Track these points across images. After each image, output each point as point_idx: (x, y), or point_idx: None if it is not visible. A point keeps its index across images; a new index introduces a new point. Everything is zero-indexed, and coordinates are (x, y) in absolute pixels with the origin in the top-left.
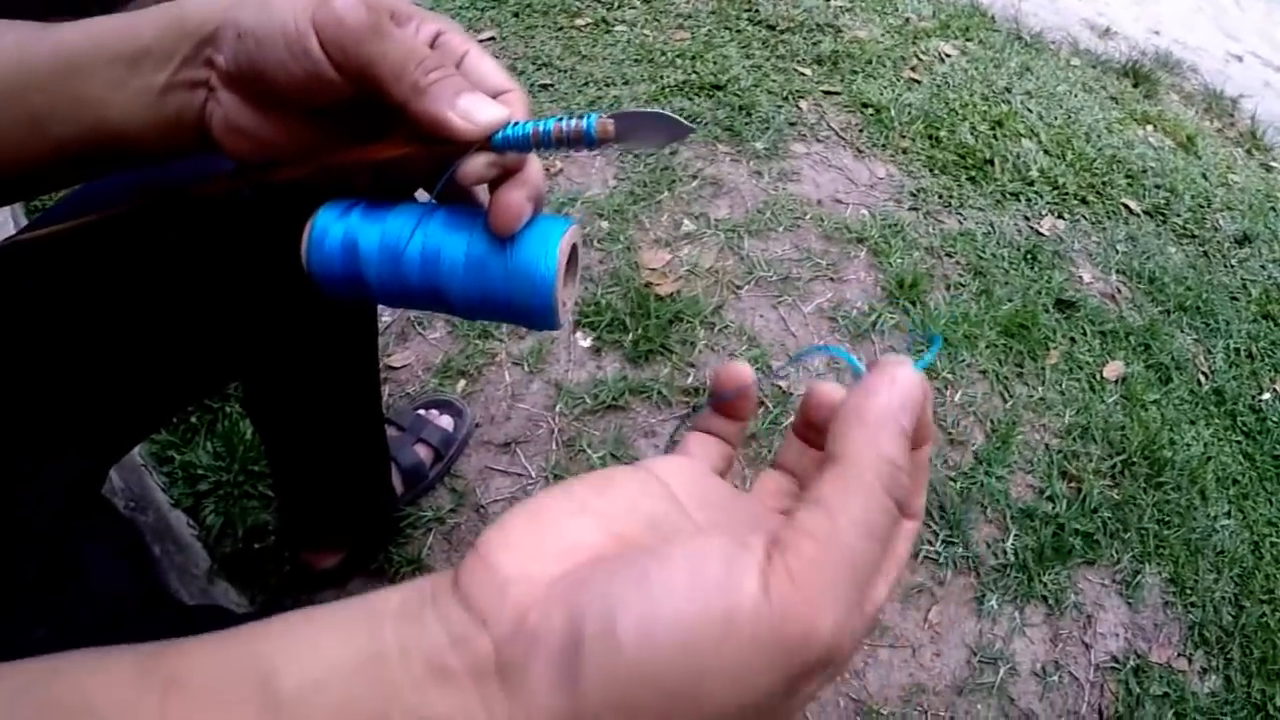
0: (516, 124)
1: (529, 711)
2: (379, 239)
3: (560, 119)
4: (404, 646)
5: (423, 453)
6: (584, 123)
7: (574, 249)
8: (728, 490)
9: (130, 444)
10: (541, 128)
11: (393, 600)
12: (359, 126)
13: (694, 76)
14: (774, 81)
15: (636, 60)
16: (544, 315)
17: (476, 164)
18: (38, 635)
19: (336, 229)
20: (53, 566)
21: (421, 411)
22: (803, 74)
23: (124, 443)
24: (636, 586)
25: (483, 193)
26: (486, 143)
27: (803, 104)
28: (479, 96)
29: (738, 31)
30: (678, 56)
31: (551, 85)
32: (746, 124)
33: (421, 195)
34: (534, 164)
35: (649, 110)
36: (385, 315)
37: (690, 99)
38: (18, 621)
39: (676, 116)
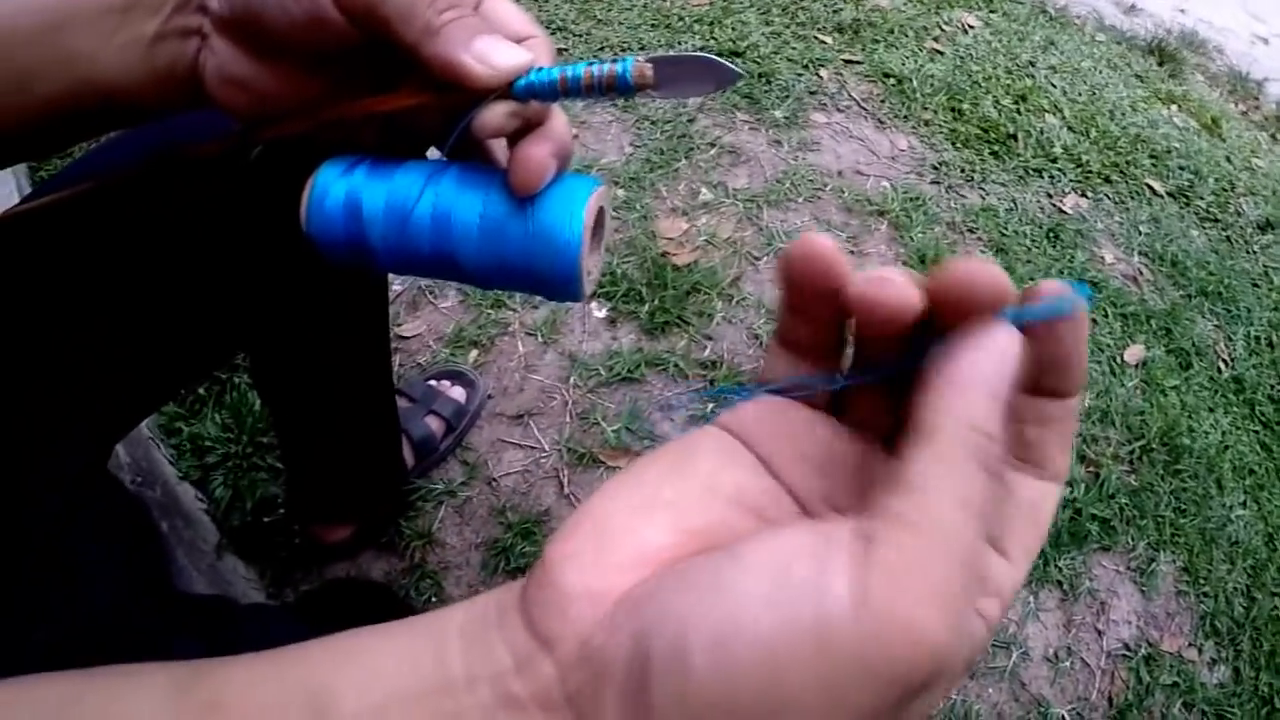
0: (540, 70)
1: None
2: (385, 199)
3: (591, 63)
4: (471, 673)
5: (434, 424)
6: (619, 67)
7: (600, 212)
8: (826, 429)
9: (136, 420)
10: (570, 73)
11: (456, 619)
12: (364, 75)
13: (712, 42)
14: (794, 49)
15: (653, 25)
16: (566, 284)
17: (495, 114)
18: (38, 637)
19: (338, 188)
20: (55, 556)
21: (433, 382)
22: (823, 42)
23: (130, 418)
24: (709, 597)
25: (500, 150)
26: (507, 90)
27: (823, 73)
28: (498, 39)
29: None
30: (695, 22)
31: (566, 50)
32: (766, 92)
33: (433, 153)
34: (559, 117)
35: (692, 54)
36: (396, 283)
37: None
38: (16, 620)
39: (722, 60)
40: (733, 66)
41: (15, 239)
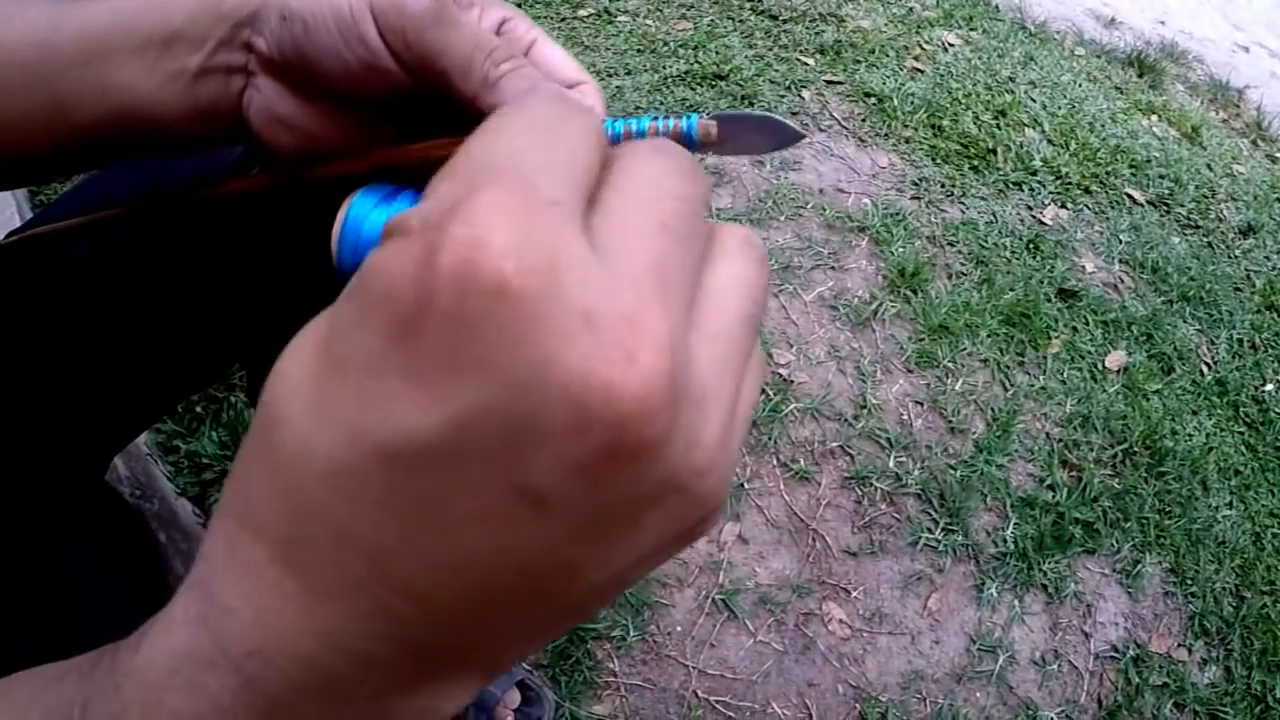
0: (604, 122)
1: None
2: None
3: (655, 118)
4: None
5: None
6: (684, 123)
7: None
8: None
9: (133, 433)
10: (634, 127)
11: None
12: (405, 117)
13: (696, 66)
14: (777, 71)
15: (639, 50)
16: None
17: None
18: (28, 644)
19: (376, 220)
20: (48, 564)
21: None
22: (805, 64)
23: (127, 432)
24: None
25: None
26: None
27: (805, 94)
28: (557, 90)
29: (740, 21)
30: (680, 46)
31: None
32: None
33: None
34: None
35: (758, 113)
36: None
37: (693, 89)
38: (7, 627)
39: (787, 121)
40: (795, 126)
41: (30, 255)
